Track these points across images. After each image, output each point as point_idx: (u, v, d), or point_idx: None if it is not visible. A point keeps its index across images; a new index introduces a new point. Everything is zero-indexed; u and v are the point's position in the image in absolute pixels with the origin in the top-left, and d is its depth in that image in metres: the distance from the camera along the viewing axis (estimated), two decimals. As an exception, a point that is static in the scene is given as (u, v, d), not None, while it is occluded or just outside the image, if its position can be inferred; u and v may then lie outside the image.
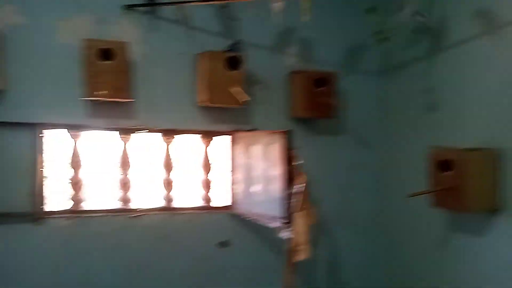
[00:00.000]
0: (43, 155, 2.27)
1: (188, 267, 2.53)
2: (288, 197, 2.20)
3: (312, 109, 2.62)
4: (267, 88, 2.68)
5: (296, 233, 2.29)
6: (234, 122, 2.62)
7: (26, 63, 2.24)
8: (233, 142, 2.65)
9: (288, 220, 2.20)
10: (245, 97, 2.41)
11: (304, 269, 2.62)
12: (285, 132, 2.22)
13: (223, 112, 2.59)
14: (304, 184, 2.35)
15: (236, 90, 2.38)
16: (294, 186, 2.23)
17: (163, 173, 2.52)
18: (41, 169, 2.25)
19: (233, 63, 2.42)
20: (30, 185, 2.23)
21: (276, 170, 2.25)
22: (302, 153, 2.36)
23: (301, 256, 2.36)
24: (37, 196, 2.24)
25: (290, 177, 2.20)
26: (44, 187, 2.27)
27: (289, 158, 2.22)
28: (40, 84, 2.27)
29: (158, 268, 2.47)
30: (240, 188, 2.61)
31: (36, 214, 2.23)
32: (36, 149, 2.24)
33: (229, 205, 2.64)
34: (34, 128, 2.24)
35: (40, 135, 2.25)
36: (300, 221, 2.34)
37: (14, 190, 2.22)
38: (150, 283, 2.46)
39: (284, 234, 2.24)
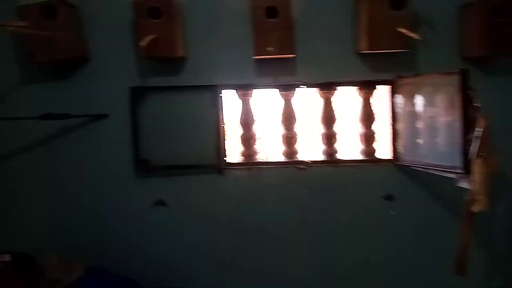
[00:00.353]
0: (223, 113, 2.53)
1: (352, 219, 2.56)
2: (466, 143, 2.03)
3: (491, 45, 2.28)
4: (434, 27, 2.44)
5: (475, 182, 2.09)
6: (397, 68, 2.48)
7: (202, 30, 2.49)
8: (397, 90, 2.52)
9: (466, 168, 2.03)
10: (415, 37, 2.24)
11: (482, 223, 2.40)
12: (460, 72, 2.03)
13: (385, 58, 2.46)
14: (484, 129, 2.12)
15: (403, 31, 2.24)
16: (473, 131, 2.04)
17: (325, 126, 2.56)
18: (222, 125, 2.52)
19: (397, 2, 2.26)
20: (215, 141, 2.51)
21: (449, 116, 2.09)
22: (479, 97, 2.12)
23: (479, 207, 2.16)
24: (220, 150, 2.51)
25: (467, 122, 2.01)
26: (225, 142, 2.54)
27: (466, 101, 2.03)
28: (215, 49, 2.49)
29: (324, 218, 2.56)
30: (405, 138, 2.50)
31: (219, 166, 2.52)
32: (217, 108, 2.50)
33: (393, 157, 2.56)
34: (214, 89, 2.50)
35: (219, 95, 2.50)
36: (479, 169, 2.12)
37: (202, 145, 2.51)
38: (317, 232, 2.57)
39: (461, 184, 2.09)
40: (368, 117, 2.55)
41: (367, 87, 2.54)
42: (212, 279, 2.57)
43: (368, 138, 2.57)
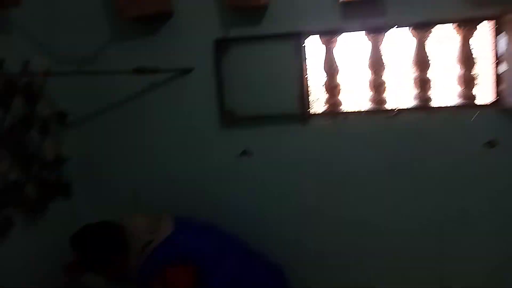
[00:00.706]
0: (307, 61, 2.45)
1: (449, 168, 2.41)
2: None
3: None
4: None
5: None
6: (504, 2, 2.20)
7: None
8: (502, 27, 2.26)
9: None
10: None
11: None
12: None
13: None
14: None
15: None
16: None
17: (418, 70, 2.39)
18: (306, 75, 2.45)
19: None
20: (298, 90, 2.46)
21: None
22: None
23: None
24: (304, 100, 2.46)
25: None
26: (309, 91, 2.49)
27: None
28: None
29: (417, 167, 2.44)
30: (510, 81, 2.27)
31: (304, 116, 2.48)
32: (300, 57, 2.43)
33: (495, 101, 2.35)
34: (296, 37, 2.41)
35: (303, 43, 2.42)
36: None
37: (284, 95, 2.48)
38: (409, 181, 2.46)
39: None
40: (467, 58, 2.33)
41: (467, 25, 2.30)
42: (297, 227, 2.60)
43: (468, 81, 2.36)
